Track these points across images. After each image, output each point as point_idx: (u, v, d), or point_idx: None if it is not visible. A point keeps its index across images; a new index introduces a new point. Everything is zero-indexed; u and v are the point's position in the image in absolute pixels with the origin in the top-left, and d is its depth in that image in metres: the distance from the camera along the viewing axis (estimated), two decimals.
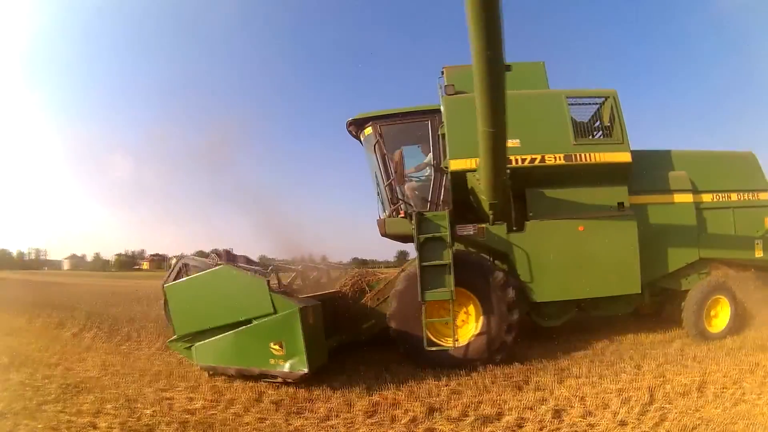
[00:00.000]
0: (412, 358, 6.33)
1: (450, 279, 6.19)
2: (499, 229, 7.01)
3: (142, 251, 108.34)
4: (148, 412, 4.59)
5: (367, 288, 7.39)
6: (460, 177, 6.98)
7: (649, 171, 7.54)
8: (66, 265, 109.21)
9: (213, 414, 4.51)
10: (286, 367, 5.30)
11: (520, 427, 4.05)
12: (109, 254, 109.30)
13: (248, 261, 7.44)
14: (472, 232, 7.07)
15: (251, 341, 5.54)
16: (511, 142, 6.51)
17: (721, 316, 7.23)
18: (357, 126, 8.01)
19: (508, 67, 5.24)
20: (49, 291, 22.19)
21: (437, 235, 6.41)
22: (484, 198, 6.75)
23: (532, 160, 6.95)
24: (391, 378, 5.43)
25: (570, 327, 7.62)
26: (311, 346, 5.29)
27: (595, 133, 7.60)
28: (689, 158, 7.92)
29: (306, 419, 4.29)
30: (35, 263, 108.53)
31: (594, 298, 7.07)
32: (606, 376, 5.25)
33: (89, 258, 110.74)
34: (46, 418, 4.53)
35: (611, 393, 4.70)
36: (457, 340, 6.27)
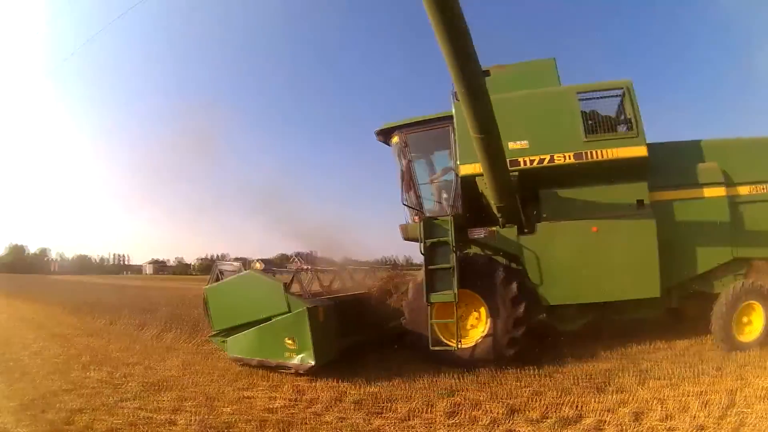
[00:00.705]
0: (423, 355, 6.49)
1: (454, 282, 6.31)
2: (510, 232, 6.99)
3: (225, 254, 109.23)
4: (227, 410, 4.69)
5: (392, 290, 7.56)
6: (470, 181, 6.99)
7: (674, 164, 7.00)
8: (148, 270, 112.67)
9: (293, 413, 4.56)
10: (298, 359, 5.92)
11: (600, 430, 3.96)
12: (191, 258, 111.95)
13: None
14: (483, 235, 7.18)
15: (270, 336, 6.24)
16: (520, 144, 6.77)
17: (755, 323, 6.37)
18: (384, 135, 8.17)
19: (486, 73, 5.71)
20: (131, 294, 22.80)
21: (442, 239, 6.56)
22: (493, 201, 6.81)
23: (541, 161, 6.81)
24: (474, 379, 5.40)
25: (650, 326, 7.36)
26: (319, 342, 5.87)
27: (621, 127, 7.14)
28: (723, 147, 7.13)
29: (386, 419, 4.29)
30: (116, 268, 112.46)
31: (616, 301, 6.75)
32: (687, 378, 5.09)
33: (171, 262, 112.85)
34: (123, 415, 4.68)
35: (691, 396, 4.54)
36: (460, 341, 6.36)
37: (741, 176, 6.82)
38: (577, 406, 4.39)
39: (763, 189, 6.77)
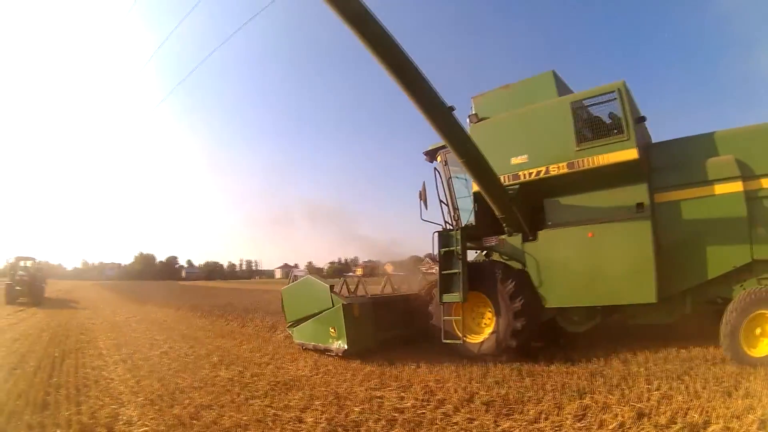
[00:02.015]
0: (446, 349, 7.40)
1: (460, 285, 7.15)
2: (516, 240, 7.60)
3: (356, 258, 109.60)
4: (356, 409, 4.79)
5: (434, 292, 8.03)
6: (481, 195, 7.43)
7: (683, 162, 6.74)
8: (278, 274, 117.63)
9: (422, 413, 4.60)
10: (337, 344, 7.56)
11: None
12: (322, 262, 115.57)
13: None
14: (494, 243, 8.01)
15: (320, 326, 7.95)
16: (521, 158, 7.42)
17: None
18: (430, 155, 9.04)
19: (452, 108, 6.32)
20: (262, 298, 23.51)
21: (451, 249, 7.40)
22: (497, 213, 7.47)
23: (538, 173, 7.23)
24: (604, 381, 5.31)
25: None
26: (351, 331, 7.41)
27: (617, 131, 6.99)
28: (741, 137, 6.53)
29: (515, 421, 4.27)
30: (247, 273, 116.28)
31: (627, 305, 6.80)
32: None
33: (302, 267, 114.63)
34: (251, 412, 4.88)
35: None
36: (465, 336, 7.31)
37: (766, 167, 6.19)
38: (705, 411, 4.24)
39: None
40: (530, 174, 7.33)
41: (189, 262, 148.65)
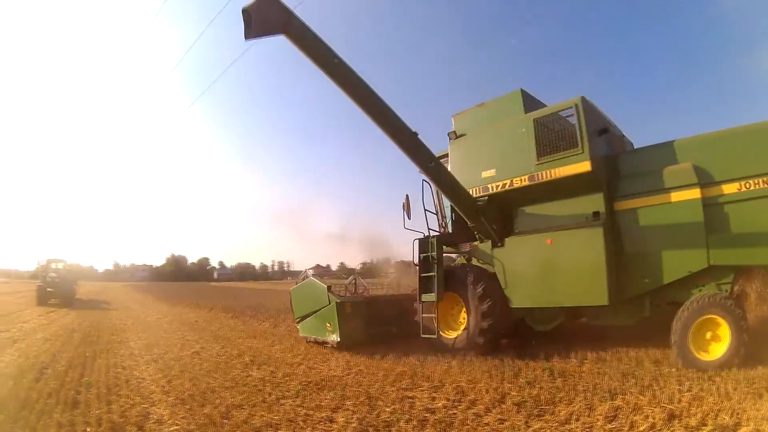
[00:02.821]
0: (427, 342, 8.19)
1: (435, 286, 8.00)
2: (486, 246, 8.33)
3: (387, 258, 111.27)
4: (388, 409, 4.82)
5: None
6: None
7: (642, 171, 7.05)
8: (310, 274, 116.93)
9: (453, 413, 4.61)
10: (332, 338, 8.75)
11: None
12: (355, 263, 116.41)
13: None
14: (468, 250, 8.98)
15: (319, 321, 9.11)
16: (490, 172, 8.07)
17: (724, 340, 5.76)
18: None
19: (415, 133, 7.13)
20: None
21: (429, 254, 8.25)
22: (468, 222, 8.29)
23: (504, 186, 7.87)
24: (636, 381, 5.29)
25: None
26: (343, 326, 8.58)
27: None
28: (702, 144, 6.68)
29: (546, 422, 4.27)
30: (279, 274, 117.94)
31: (589, 307, 7.17)
32: None
33: (334, 267, 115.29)
34: (282, 411, 4.93)
35: None
36: (440, 332, 8.11)
37: (725, 173, 6.30)
38: (735, 413, 4.21)
39: (755, 185, 6.04)
40: (497, 186, 7.99)
41: (221, 264, 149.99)
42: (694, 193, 6.39)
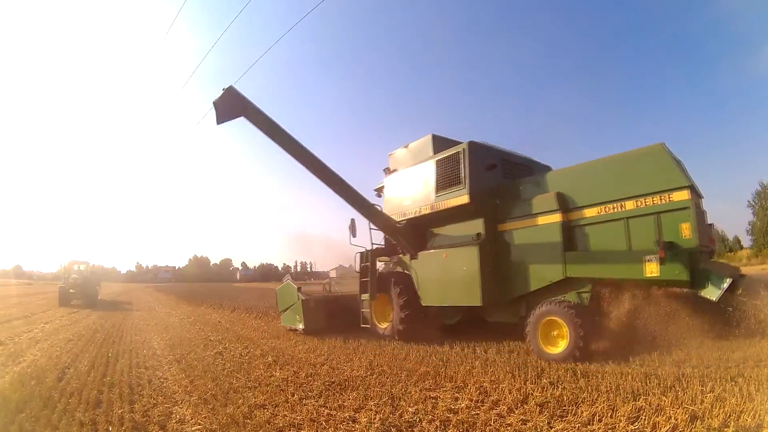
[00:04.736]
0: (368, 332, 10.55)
1: (369, 288, 10.35)
2: (407, 258, 10.43)
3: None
4: (410, 409, 4.83)
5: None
6: None
7: (518, 198, 8.55)
8: (333, 275, 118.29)
9: (476, 414, 4.62)
10: (300, 326, 11.37)
11: None
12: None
13: None
14: (396, 260, 10.98)
15: (293, 313, 11.75)
16: (408, 202, 10.24)
17: (565, 338, 7.02)
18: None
19: (350, 185, 9.59)
20: None
21: (366, 264, 10.63)
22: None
23: (416, 213, 9.99)
24: (658, 382, 5.28)
25: None
26: (308, 318, 11.23)
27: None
28: (565, 176, 8.04)
29: (568, 423, 4.28)
30: (302, 275, 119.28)
31: (479, 306, 8.57)
32: None
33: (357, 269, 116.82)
34: (305, 411, 4.97)
35: None
36: (375, 324, 10.60)
37: (586, 199, 7.49)
38: (758, 415, 4.17)
39: (614, 208, 7.11)
40: (412, 213, 10.10)
41: (243, 264, 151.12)
42: (556, 218, 7.70)
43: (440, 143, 10.20)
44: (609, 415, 4.42)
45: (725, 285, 6.22)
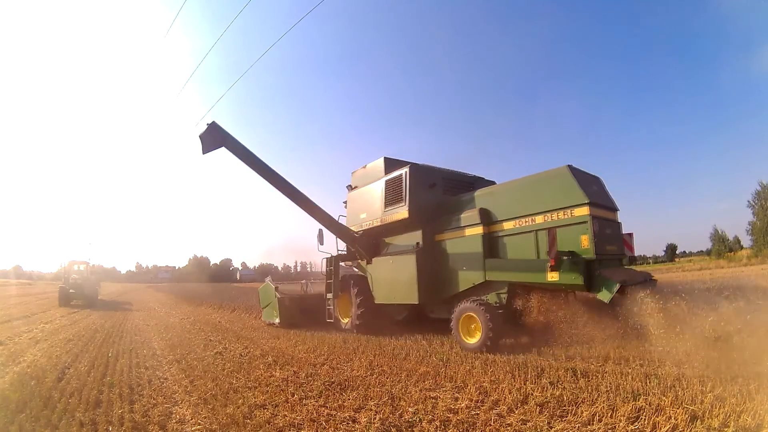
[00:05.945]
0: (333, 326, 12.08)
1: (333, 288, 11.84)
2: (364, 262, 11.86)
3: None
4: (410, 409, 4.82)
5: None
6: None
7: (451, 213, 9.78)
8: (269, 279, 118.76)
9: (476, 414, 4.61)
10: (276, 321, 13.45)
11: None
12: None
13: None
14: (355, 264, 12.60)
15: (272, 310, 13.77)
16: (363, 216, 11.78)
17: (479, 330, 8.07)
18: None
19: (318, 206, 11.29)
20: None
21: (331, 267, 12.00)
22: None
23: (369, 224, 11.46)
24: (658, 382, 5.28)
25: None
26: (283, 314, 13.34)
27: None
28: (488, 195, 9.30)
29: (568, 423, 4.27)
30: (302, 275, 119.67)
31: (425, 304, 10.08)
32: None
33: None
34: (305, 411, 4.95)
35: None
36: (338, 319, 12.03)
37: (505, 214, 8.65)
38: (758, 415, 4.14)
39: (526, 222, 8.23)
40: (367, 225, 11.58)
41: (243, 264, 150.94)
42: (478, 230, 8.96)
43: (391, 165, 11.63)
44: (609, 415, 4.41)
45: (615, 289, 7.03)
